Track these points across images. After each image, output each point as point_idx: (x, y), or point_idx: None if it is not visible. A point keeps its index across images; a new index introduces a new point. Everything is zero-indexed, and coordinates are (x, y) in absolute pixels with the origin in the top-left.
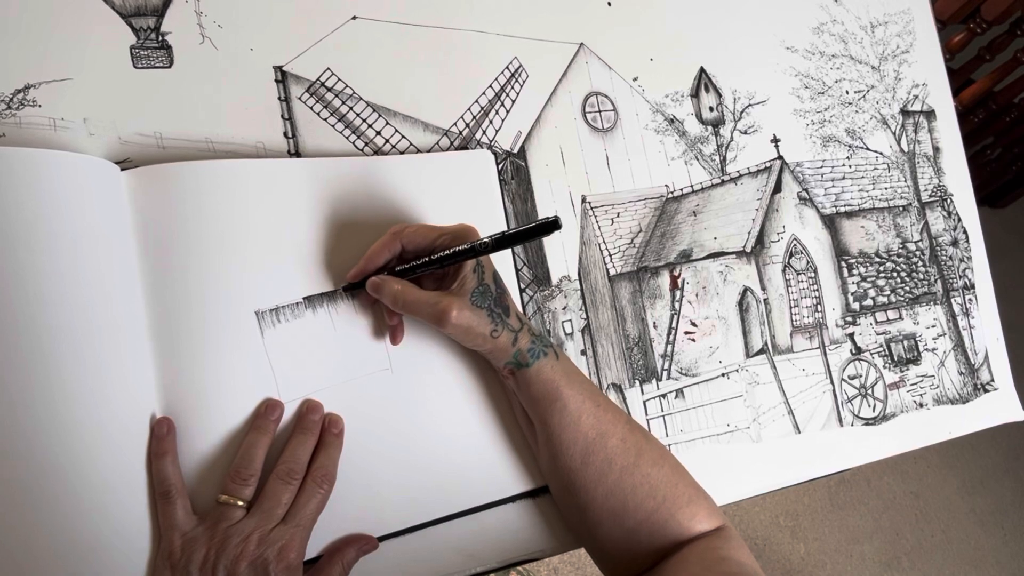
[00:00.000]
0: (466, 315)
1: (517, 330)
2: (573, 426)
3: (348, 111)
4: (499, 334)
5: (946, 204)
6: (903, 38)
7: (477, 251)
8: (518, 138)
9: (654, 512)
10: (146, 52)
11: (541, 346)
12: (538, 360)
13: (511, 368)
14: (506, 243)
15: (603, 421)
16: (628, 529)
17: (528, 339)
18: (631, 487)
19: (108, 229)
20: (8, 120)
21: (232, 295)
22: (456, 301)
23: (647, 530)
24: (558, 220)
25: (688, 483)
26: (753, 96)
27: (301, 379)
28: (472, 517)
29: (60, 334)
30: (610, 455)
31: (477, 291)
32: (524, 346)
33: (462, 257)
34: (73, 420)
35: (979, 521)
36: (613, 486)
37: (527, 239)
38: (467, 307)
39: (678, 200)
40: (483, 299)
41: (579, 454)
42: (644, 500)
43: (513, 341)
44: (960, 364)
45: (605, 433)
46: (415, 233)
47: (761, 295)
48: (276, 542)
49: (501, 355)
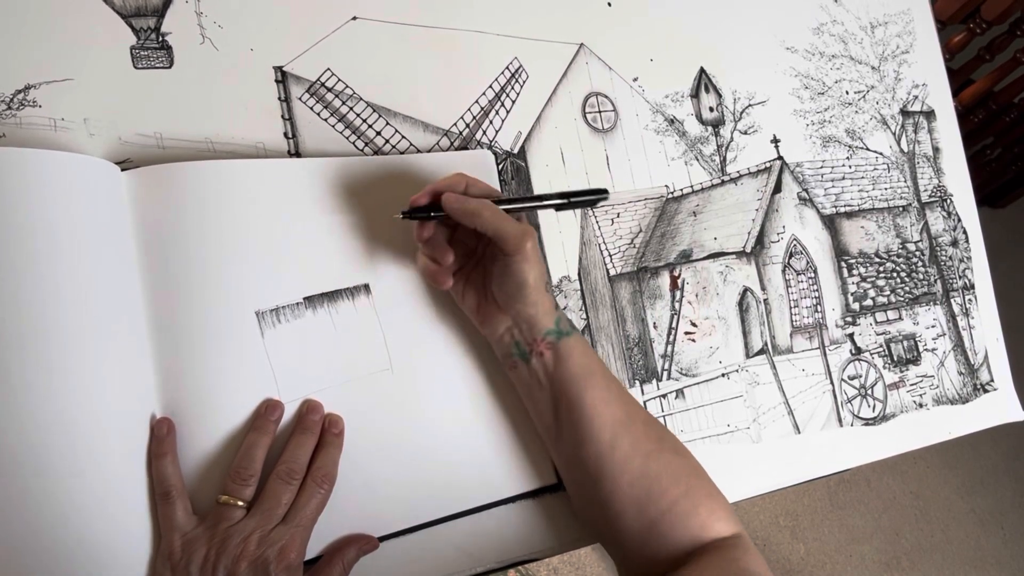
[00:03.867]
0: (537, 255)
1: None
2: (606, 404)
3: (348, 111)
4: (549, 291)
5: (946, 204)
6: (903, 38)
7: (567, 202)
8: (518, 138)
9: (677, 503)
10: (146, 52)
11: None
12: (574, 332)
13: (551, 340)
14: (570, 205)
15: (628, 402)
16: (650, 519)
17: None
18: (656, 473)
19: (108, 229)
20: (8, 120)
21: (232, 295)
22: (534, 232)
23: (669, 521)
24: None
25: (705, 476)
26: (753, 96)
27: (301, 379)
28: (472, 517)
29: (60, 334)
30: (636, 438)
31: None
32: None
33: (546, 206)
34: (73, 420)
35: (979, 521)
36: (639, 472)
37: (584, 204)
38: (538, 249)
39: (678, 200)
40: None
41: (608, 439)
42: (669, 487)
43: (556, 306)
44: (960, 364)
45: (632, 415)
46: (477, 182)
47: (761, 295)
48: (276, 542)
49: (544, 320)
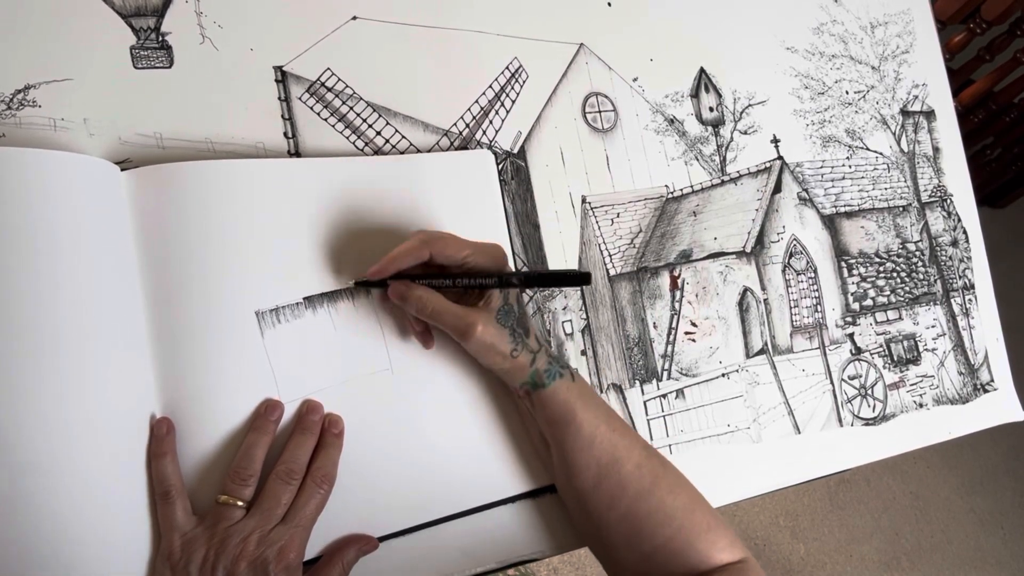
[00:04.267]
0: (491, 331)
1: (536, 351)
2: (587, 449)
3: (348, 111)
4: (518, 354)
5: (946, 204)
6: (903, 38)
7: (503, 285)
8: (518, 138)
9: (670, 540)
10: (146, 52)
11: (558, 367)
12: (554, 381)
13: (527, 389)
14: (534, 283)
15: (618, 446)
16: (644, 554)
17: (546, 360)
18: (645, 513)
19: (108, 229)
20: (8, 120)
21: (232, 295)
22: (482, 317)
23: (663, 557)
24: (589, 275)
25: (706, 511)
26: (753, 96)
27: (301, 379)
28: (472, 517)
29: (59, 334)
30: (623, 480)
31: (503, 310)
32: (541, 367)
33: (487, 287)
34: (72, 420)
35: (979, 521)
36: (626, 511)
37: (555, 285)
38: (492, 324)
39: (678, 200)
40: (507, 318)
41: (592, 478)
42: (659, 527)
43: (531, 362)
44: (960, 364)
45: (619, 459)
46: (445, 246)
47: (761, 295)
48: (276, 542)
49: (518, 375)
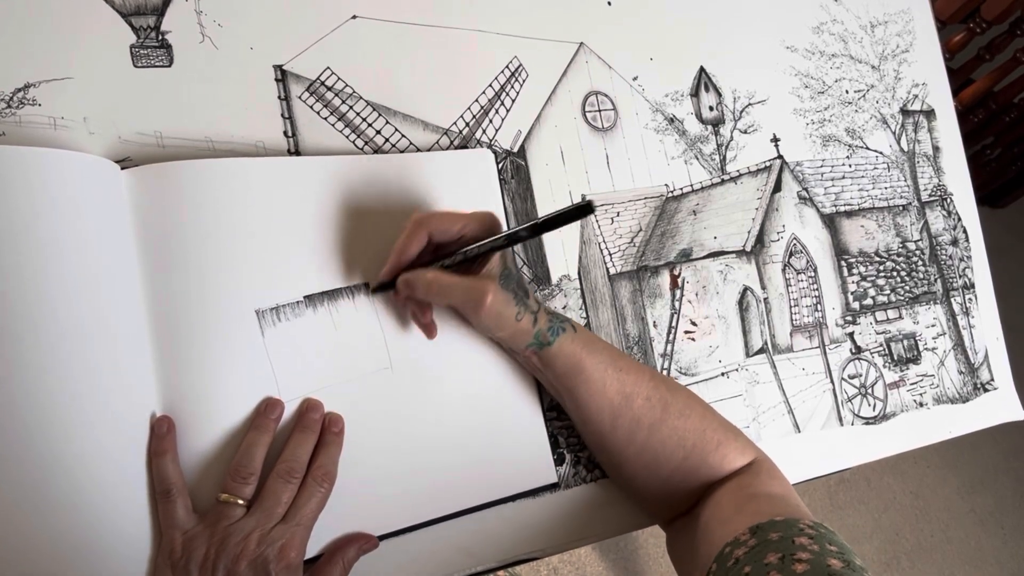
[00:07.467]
0: (499, 299)
1: (536, 311)
2: (599, 394)
3: (348, 110)
4: (522, 317)
5: (946, 204)
6: (903, 38)
7: (513, 240)
8: (518, 137)
9: (685, 460)
10: (146, 51)
11: (559, 323)
12: (558, 337)
13: (533, 349)
14: (540, 229)
15: (626, 383)
16: (663, 478)
17: (546, 318)
18: (659, 442)
19: (108, 228)
20: (8, 119)
21: (232, 294)
22: (490, 284)
23: (680, 477)
24: (591, 204)
25: (716, 427)
26: (753, 95)
27: (301, 378)
28: (472, 516)
29: (59, 333)
30: (637, 415)
31: (503, 275)
32: (544, 325)
33: (497, 247)
34: (72, 419)
35: (979, 521)
36: (643, 444)
37: (561, 224)
38: (499, 291)
39: (678, 199)
40: (508, 282)
41: (608, 420)
42: (674, 451)
43: (533, 322)
44: (960, 363)
45: (630, 395)
46: (440, 221)
47: (761, 294)
48: (276, 541)
49: (523, 337)
